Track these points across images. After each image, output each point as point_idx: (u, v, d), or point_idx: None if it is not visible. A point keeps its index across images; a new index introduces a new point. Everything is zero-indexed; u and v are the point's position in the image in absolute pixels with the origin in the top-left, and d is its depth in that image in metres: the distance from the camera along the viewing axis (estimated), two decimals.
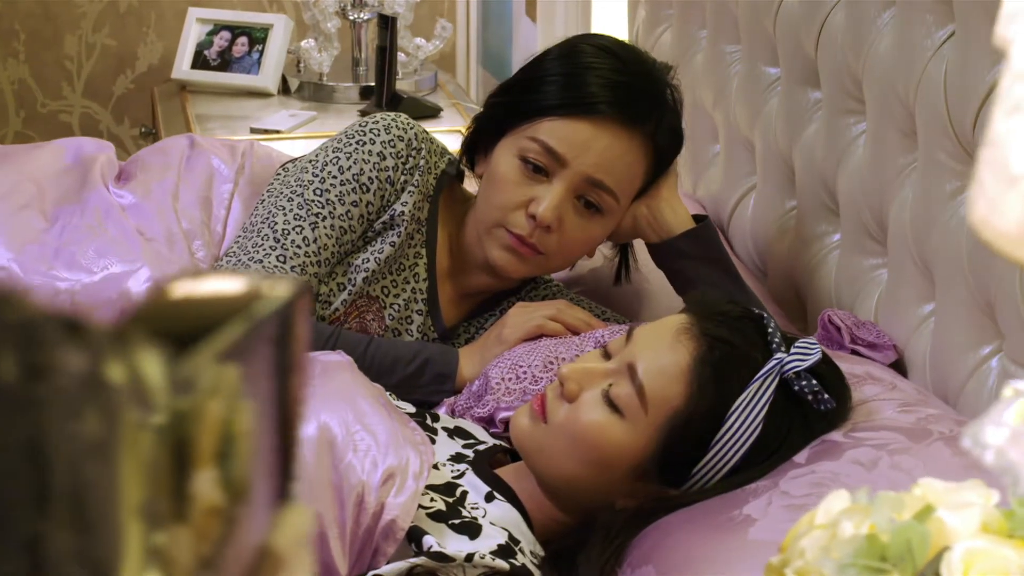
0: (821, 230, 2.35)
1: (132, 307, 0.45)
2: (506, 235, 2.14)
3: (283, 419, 0.51)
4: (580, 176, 2.10)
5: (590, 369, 1.78)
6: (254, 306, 0.46)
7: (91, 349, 0.39)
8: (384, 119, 2.22)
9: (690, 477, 1.73)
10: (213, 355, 0.43)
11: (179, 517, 0.42)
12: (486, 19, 4.32)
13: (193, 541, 0.43)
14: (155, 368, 0.40)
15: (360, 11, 3.76)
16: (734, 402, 1.70)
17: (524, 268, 2.18)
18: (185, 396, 0.41)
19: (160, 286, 0.47)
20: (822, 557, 0.92)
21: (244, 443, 0.46)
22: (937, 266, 1.98)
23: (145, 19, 4.21)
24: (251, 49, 3.73)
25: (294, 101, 3.72)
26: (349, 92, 3.74)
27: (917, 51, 1.98)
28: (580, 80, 2.13)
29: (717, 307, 1.79)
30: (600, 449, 1.73)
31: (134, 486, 0.40)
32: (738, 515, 1.60)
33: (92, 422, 0.38)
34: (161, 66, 4.23)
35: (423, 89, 3.77)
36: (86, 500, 0.39)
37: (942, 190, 1.95)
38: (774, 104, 2.48)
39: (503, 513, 1.75)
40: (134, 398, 0.39)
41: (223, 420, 0.44)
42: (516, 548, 1.69)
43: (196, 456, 0.42)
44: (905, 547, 0.90)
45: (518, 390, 2.06)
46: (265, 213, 2.17)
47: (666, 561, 1.59)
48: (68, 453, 0.38)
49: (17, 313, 0.39)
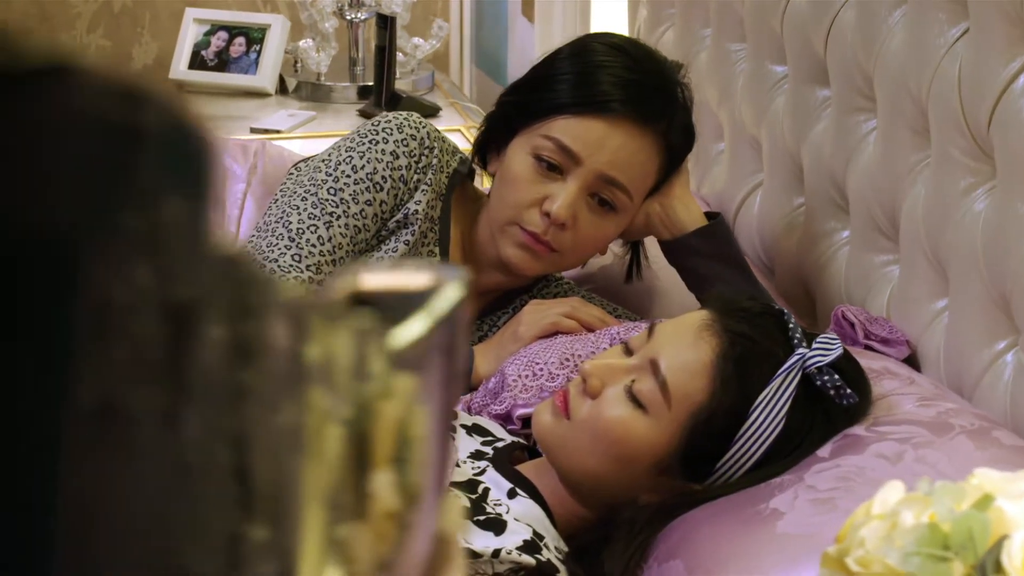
0: (830, 227, 2.36)
1: (323, 292, 0.45)
2: (520, 233, 2.15)
3: (446, 425, 0.51)
4: (594, 174, 2.11)
5: (612, 365, 1.79)
6: (434, 304, 0.46)
7: (296, 320, 0.39)
8: (396, 118, 2.23)
9: (713, 472, 1.74)
10: (393, 353, 0.43)
11: (359, 515, 0.42)
12: (480, 19, 4.33)
13: (372, 540, 0.43)
14: (348, 353, 0.40)
15: (357, 11, 3.77)
16: (757, 397, 1.71)
17: (538, 266, 2.19)
18: (367, 388, 0.41)
19: (346, 275, 0.47)
20: (884, 546, 0.93)
21: (419, 448, 0.46)
22: (951, 262, 1.99)
23: (139, 19, 4.20)
24: (248, 49, 3.73)
25: (291, 101, 3.73)
26: (347, 92, 3.75)
27: (930, 49, 2.00)
28: (593, 78, 2.14)
29: (738, 303, 1.80)
30: (623, 444, 1.74)
31: (320, 476, 0.40)
32: (764, 509, 1.61)
33: (290, 409, 0.38)
34: (156, 67, 4.22)
35: (420, 89, 3.78)
36: (280, 493, 0.39)
37: (956, 187, 1.97)
38: (781, 102, 2.49)
39: (526, 509, 1.75)
40: (325, 383, 0.39)
41: (399, 422, 0.44)
42: (541, 544, 1.70)
43: (375, 455, 0.43)
44: (967, 535, 0.91)
45: (535, 387, 2.07)
46: (279, 213, 2.18)
47: (694, 556, 1.60)
48: (268, 445, 0.38)
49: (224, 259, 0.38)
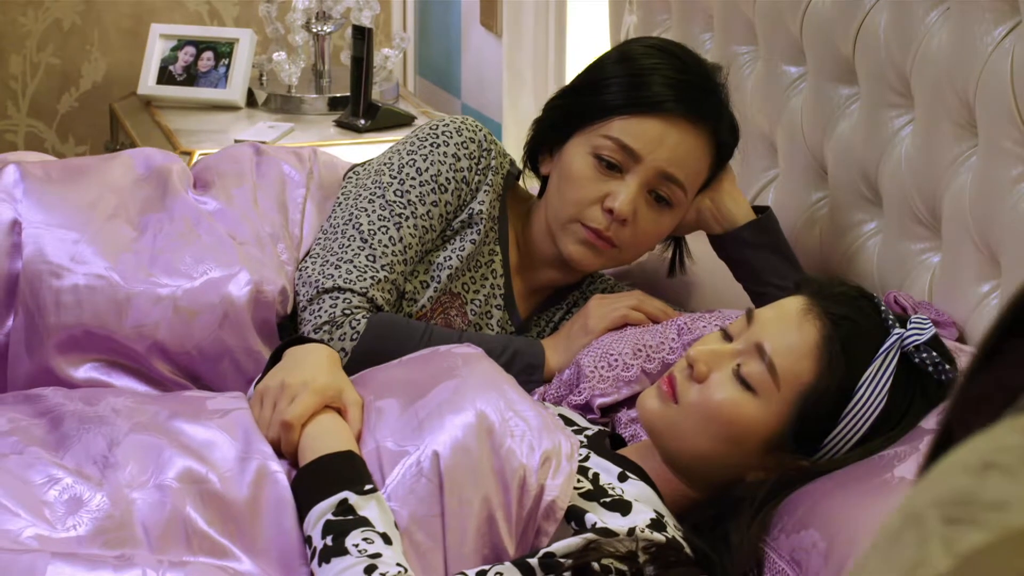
0: (857, 219, 2.47)
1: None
2: (582, 230, 2.23)
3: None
4: (653, 171, 2.20)
5: (717, 350, 1.87)
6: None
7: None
8: (454, 121, 2.30)
9: (820, 448, 1.83)
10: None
11: None
12: (425, 30, 4.39)
13: None
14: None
15: (324, 24, 3.81)
16: (862, 375, 1.81)
17: (599, 261, 2.27)
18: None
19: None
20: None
21: None
22: (1003, 247, 2.11)
23: (88, 37, 4.21)
24: (217, 63, 3.76)
25: (261, 113, 3.76)
26: (316, 103, 3.79)
27: (978, 46, 2.12)
28: (645, 80, 2.23)
29: (833, 288, 1.90)
30: (735, 425, 1.83)
31: None
32: (891, 478, 1.71)
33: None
34: (105, 83, 4.23)
35: (388, 98, 3.84)
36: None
37: (1007, 175, 2.09)
38: (798, 101, 2.60)
39: (639, 491, 1.82)
40: None
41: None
42: (664, 521, 1.78)
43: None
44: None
45: (611, 377, 2.15)
46: (346, 216, 2.24)
47: (828, 524, 1.69)
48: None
49: None
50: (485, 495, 1.71)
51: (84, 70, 4.23)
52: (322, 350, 1.92)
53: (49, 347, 2.09)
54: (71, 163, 2.29)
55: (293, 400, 1.81)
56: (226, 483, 1.72)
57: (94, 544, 1.64)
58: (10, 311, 2.12)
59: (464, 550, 1.69)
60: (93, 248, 2.13)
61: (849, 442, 1.83)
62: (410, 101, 3.95)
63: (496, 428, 1.76)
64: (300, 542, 1.69)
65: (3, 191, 2.18)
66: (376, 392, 1.87)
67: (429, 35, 4.37)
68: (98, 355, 2.12)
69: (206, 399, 1.90)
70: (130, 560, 1.59)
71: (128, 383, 2.11)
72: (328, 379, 1.85)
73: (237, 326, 2.13)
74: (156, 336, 2.11)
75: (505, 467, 1.73)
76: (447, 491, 1.70)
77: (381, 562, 1.61)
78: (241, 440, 1.78)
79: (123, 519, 1.66)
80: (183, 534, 1.67)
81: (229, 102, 3.75)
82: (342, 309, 2.15)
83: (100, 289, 2.11)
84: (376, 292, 2.18)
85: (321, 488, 1.69)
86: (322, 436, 1.78)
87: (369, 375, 1.95)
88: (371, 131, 3.61)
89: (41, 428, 1.82)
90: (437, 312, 2.27)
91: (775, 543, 1.77)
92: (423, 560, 1.68)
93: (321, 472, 1.72)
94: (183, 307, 2.12)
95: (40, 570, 1.55)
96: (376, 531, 1.64)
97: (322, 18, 3.82)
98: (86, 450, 1.76)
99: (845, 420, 1.82)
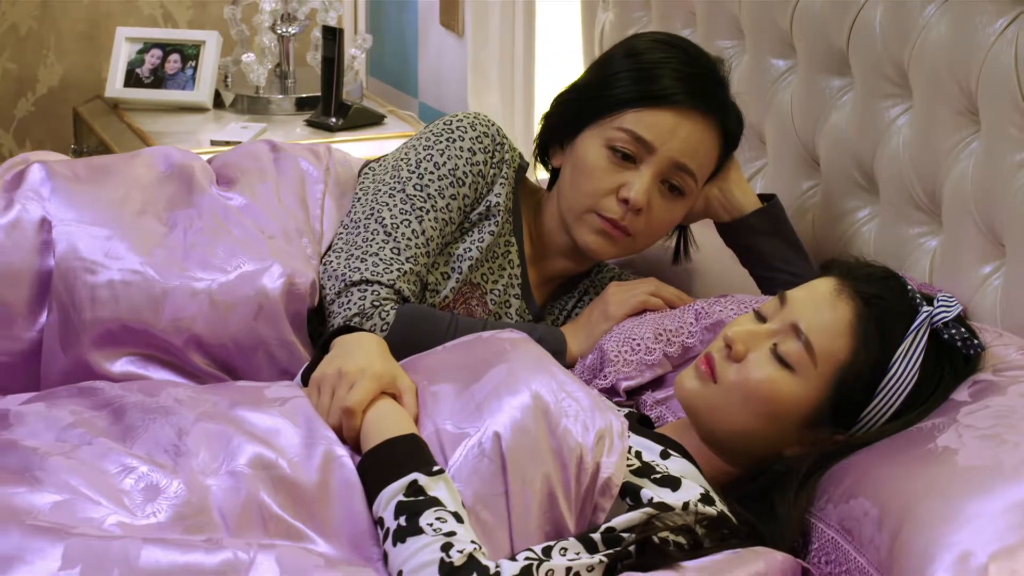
0: (851, 206, 2.56)
1: None
2: (598, 219, 2.29)
3: None
4: (667, 161, 2.27)
5: (754, 331, 1.94)
6: None
7: None
8: (467, 117, 2.36)
9: (857, 422, 1.91)
10: None
11: None
12: (376, 30, 4.43)
13: None
14: None
15: (289, 25, 3.85)
16: (895, 351, 1.89)
17: (614, 250, 2.33)
18: None
19: None
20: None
21: None
22: (1007, 228, 2.20)
23: (45, 42, 4.21)
24: (184, 65, 3.78)
25: (228, 114, 3.79)
26: (284, 103, 3.82)
27: (980, 37, 2.21)
28: (656, 74, 2.30)
29: (862, 269, 1.98)
30: (774, 402, 1.90)
31: None
32: (935, 448, 1.79)
33: None
34: (62, 88, 4.23)
35: (354, 98, 3.87)
36: None
37: (1011, 160, 2.18)
38: (787, 94, 2.68)
39: (683, 467, 1.89)
40: None
41: None
42: (711, 496, 1.84)
43: None
44: None
45: (635, 361, 2.22)
46: (367, 210, 2.28)
47: (879, 493, 1.77)
48: None
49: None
50: (545, 473, 1.76)
51: (41, 75, 4.22)
52: (372, 338, 1.97)
53: (85, 342, 2.12)
54: (94, 161, 2.32)
55: (352, 387, 1.85)
56: (295, 468, 1.75)
57: (175, 530, 1.66)
58: (43, 307, 2.14)
59: (529, 527, 1.74)
60: (126, 244, 2.16)
61: (884, 416, 1.90)
62: (374, 100, 3.99)
63: (551, 408, 1.81)
64: (370, 523, 1.73)
65: (30, 190, 2.20)
66: (427, 377, 1.92)
67: (382, 36, 4.42)
68: (134, 349, 2.15)
69: (263, 388, 1.94)
70: (218, 543, 1.62)
71: (164, 376, 2.15)
72: (383, 366, 1.90)
73: (272, 318, 2.17)
74: (193, 329, 2.14)
75: (562, 446, 1.78)
76: (510, 471, 1.75)
77: (456, 539, 1.65)
78: (303, 426, 1.82)
79: (201, 505, 1.69)
80: (259, 518, 1.71)
81: (197, 103, 3.78)
82: (371, 301, 2.19)
83: (136, 284, 2.14)
84: (403, 284, 2.23)
85: (390, 470, 1.73)
86: (384, 421, 1.83)
87: (415, 362, 2.00)
88: (343, 130, 3.65)
89: (104, 420, 1.84)
90: (459, 302, 2.32)
91: (822, 513, 1.84)
92: (489, 538, 1.73)
93: (388, 455, 1.77)
94: (219, 300, 2.16)
95: (134, 555, 1.57)
96: (448, 510, 1.69)
97: (287, 20, 3.85)
98: (155, 440, 1.79)
99: (880, 395, 1.89)
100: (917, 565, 1.65)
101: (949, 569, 1.61)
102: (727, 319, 2.22)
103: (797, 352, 1.89)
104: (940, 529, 1.66)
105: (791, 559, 1.77)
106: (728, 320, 2.22)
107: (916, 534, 1.68)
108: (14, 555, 1.56)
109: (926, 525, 1.68)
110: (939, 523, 1.67)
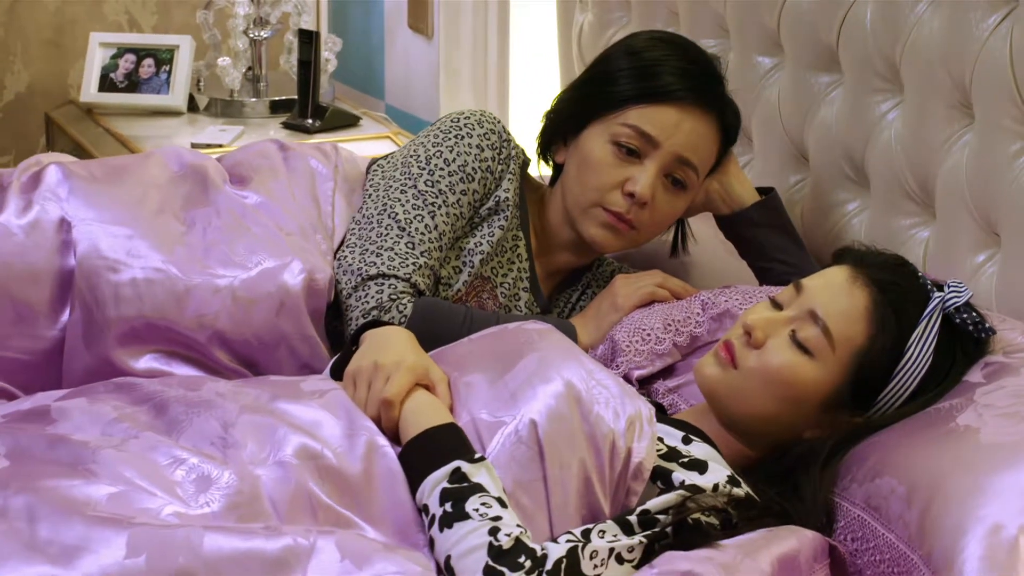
0: (840, 198, 2.63)
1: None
2: (603, 213, 2.35)
3: None
4: (671, 155, 2.33)
5: (772, 318, 2.00)
6: None
7: None
8: (474, 114, 2.41)
9: (875, 404, 1.97)
10: None
11: None
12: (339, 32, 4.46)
13: None
14: None
15: (261, 29, 3.88)
16: (911, 335, 1.96)
17: (619, 243, 2.39)
18: None
19: None
20: None
21: None
22: (1002, 218, 2.27)
23: (12, 49, 4.21)
24: (158, 70, 3.81)
25: (203, 118, 3.82)
26: (258, 107, 3.85)
27: (974, 32, 2.28)
28: (657, 71, 2.36)
29: (874, 257, 2.05)
30: (794, 386, 1.96)
31: None
32: (956, 427, 1.86)
33: None
34: (28, 94, 4.23)
35: (326, 100, 3.91)
36: None
37: (1006, 151, 2.25)
38: (773, 91, 2.75)
39: (705, 452, 1.94)
40: None
41: None
42: (736, 478, 1.90)
43: None
44: None
45: (646, 351, 2.28)
46: (379, 206, 2.32)
47: (906, 471, 1.83)
48: None
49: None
50: (581, 459, 1.81)
51: (7, 81, 4.22)
52: (402, 332, 2.01)
53: (109, 340, 2.15)
54: (109, 162, 2.35)
55: (388, 379, 1.89)
56: (340, 458, 1.79)
57: (229, 519, 1.70)
58: (64, 306, 2.17)
59: (567, 511, 1.79)
60: (147, 242, 2.19)
61: (901, 398, 1.97)
62: (346, 102, 4.03)
63: (583, 396, 1.86)
64: (414, 511, 1.77)
65: (48, 191, 2.22)
66: (458, 368, 1.96)
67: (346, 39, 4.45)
68: (158, 346, 2.18)
69: (299, 382, 1.97)
70: (277, 530, 1.66)
71: (188, 372, 2.18)
72: (416, 358, 1.94)
73: (293, 313, 2.21)
74: (216, 325, 2.18)
75: (596, 432, 1.83)
76: (547, 457, 1.80)
77: (502, 524, 1.70)
78: (344, 418, 1.85)
79: (253, 494, 1.73)
80: (309, 507, 1.74)
81: (172, 107, 3.81)
82: (388, 295, 2.24)
83: (159, 282, 2.17)
84: (418, 277, 2.27)
85: (432, 459, 1.78)
86: (422, 411, 1.87)
87: (443, 354, 2.04)
88: (320, 132, 3.68)
89: (146, 414, 1.87)
90: (471, 296, 2.37)
91: (846, 492, 1.91)
92: (529, 522, 1.77)
93: (429, 444, 1.81)
94: (241, 296, 2.19)
95: (197, 542, 1.61)
96: (492, 495, 1.73)
97: (260, 23, 3.88)
98: (200, 432, 1.82)
99: (897, 378, 1.96)
100: (950, 539, 1.71)
101: (981, 541, 1.68)
102: (733, 309, 2.28)
103: (815, 337, 1.95)
104: (969, 503, 1.73)
105: (820, 537, 1.83)
106: (734, 310, 2.28)
107: (946, 509, 1.75)
108: (80, 545, 1.59)
109: (955, 500, 1.75)
110: (967, 497, 1.74)
